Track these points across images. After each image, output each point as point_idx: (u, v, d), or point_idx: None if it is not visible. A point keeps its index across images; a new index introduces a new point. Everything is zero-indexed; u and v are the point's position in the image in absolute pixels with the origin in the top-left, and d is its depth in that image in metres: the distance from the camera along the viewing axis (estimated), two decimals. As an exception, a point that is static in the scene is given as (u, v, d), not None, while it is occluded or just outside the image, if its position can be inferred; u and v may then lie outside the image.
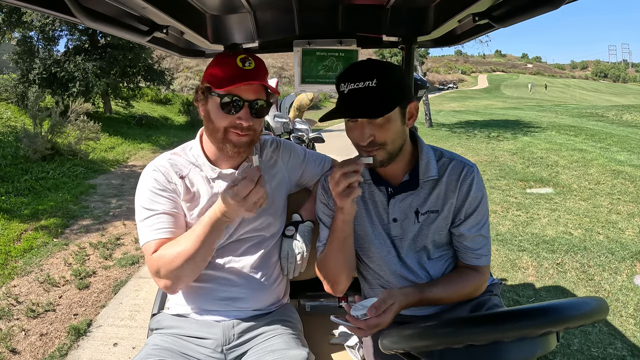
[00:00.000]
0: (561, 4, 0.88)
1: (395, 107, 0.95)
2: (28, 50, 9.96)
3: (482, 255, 1.10)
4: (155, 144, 9.63)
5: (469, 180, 1.08)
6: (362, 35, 1.60)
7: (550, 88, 53.96)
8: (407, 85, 1.02)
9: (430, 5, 1.42)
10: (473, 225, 1.09)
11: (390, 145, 1.01)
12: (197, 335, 1.16)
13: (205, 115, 1.12)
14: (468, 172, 1.08)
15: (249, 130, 1.11)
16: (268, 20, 1.50)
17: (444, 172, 1.09)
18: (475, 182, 1.08)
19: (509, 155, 7.43)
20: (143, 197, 1.13)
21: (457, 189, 1.08)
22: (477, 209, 1.08)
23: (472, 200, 1.08)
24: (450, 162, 1.10)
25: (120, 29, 1.00)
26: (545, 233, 3.81)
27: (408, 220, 1.10)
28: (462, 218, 1.09)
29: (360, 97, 0.96)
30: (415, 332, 0.72)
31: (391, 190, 1.11)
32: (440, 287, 1.09)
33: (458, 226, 1.10)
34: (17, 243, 3.77)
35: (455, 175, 1.09)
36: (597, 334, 2.30)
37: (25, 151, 6.30)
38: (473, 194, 1.08)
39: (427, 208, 1.09)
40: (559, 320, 0.65)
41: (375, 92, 0.95)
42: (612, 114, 13.07)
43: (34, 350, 2.34)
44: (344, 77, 0.99)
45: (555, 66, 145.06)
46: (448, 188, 1.09)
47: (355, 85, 0.96)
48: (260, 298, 1.22)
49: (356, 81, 0.96)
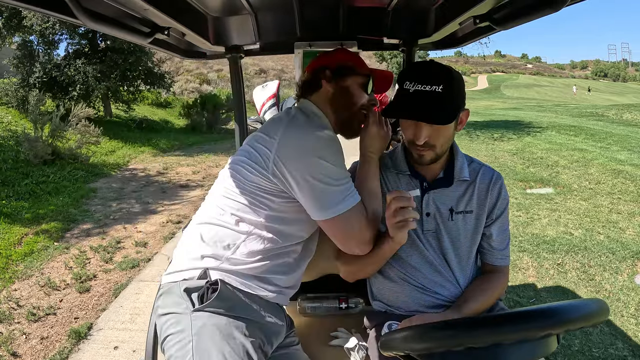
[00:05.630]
0: (562, 6, 0.88)
1: (457, 116, 1.03)
2: (28, 55, 9.96)
3: (506, 256, 1.19)
4: (156, 147, 9.63)
5: (499, 185, 1.17)
6: (363, 37, 1.60)
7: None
8: (464, 93, 1.08)
9: (431, 7, 1.42)
10: (500, 226, 1.17)
11: (439, 148, 1.07)
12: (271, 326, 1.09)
13: (340, 92, 1.18)
14: (497, 178, 1.18)
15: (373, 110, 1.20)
16: (269, 22, 1.50)
17: (476, 176, 1.17)
18: (504, 187, 1.18)
19: (509, 155, 7.42)
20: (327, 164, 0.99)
21: (489, 193, 1.15)
22: (504, 212, 1.17)
23: (501, 203, 1.16)
24: (480, 168, 1.19)
25: (121, 30, 1.01)
26: (545, 233, 3.81)
27: (442, 216, 1.14)
28: (492, 219, 1.16)
29: (426, 100, 0.98)
30: (416, 335, 0.72)
31: (426, 185, 1.15)
32: (475, 300, 1.11)
33: (489, 226, 1.16)
34: (18, 247, 3.77)
35: (486, 180, 1.17)
36: (598, 334, 2.29)
37: (25, 155, 6.30)
38: (502, 198, 1.16)
39: (462, 208, 1.14)
40: (559, 322, 0.64)
41: (441, 98, 0.98)
42: (612, 113, 13.06)
43: (35, 353, 2.34)
44: (411, 75, 1.01)
45: (555, 66, 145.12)
46: (480, 191, 1.16)
47: (422, 87, 0.99)
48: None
49: (423, 83, 0.99)
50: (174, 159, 8.46)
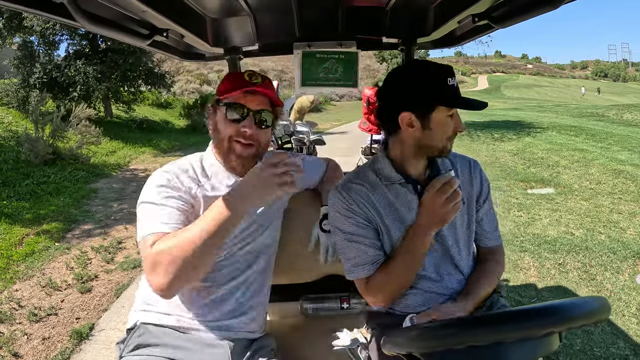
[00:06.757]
0: (560, 4, 0.88)
1: None
2: (29, 55, 9.99)
3: (498, 236, 1.23)
4: (156, 148, 9.64)
5: (478, 169, 1.20)
6: (362, 37, 1.60)
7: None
8: None
9: (430, 6, 1.42)
10: (489, 208, 1.20)
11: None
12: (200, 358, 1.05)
13: (213, 127, 1.14)
14: (475, 163, 1.21)
15: (253, 140, 1.10)
16: (268, 23, 1.51)
17: (456, 168, 1.17)
18: (482, 173, 1.21)
19: (510, 156, 7.41)
20: (151, 193, 1.05)
21: (472, 179, 1.18)
22: (489, 194, 1.21)
23: (485, 187, 1.19)
24: (454, 157, 1.19)
25: (120, 32, 1.01)
26: (546, 233, 3.81)
27: None
28: (480, 204, 1.19)
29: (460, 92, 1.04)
30: (418, 334, 0.72)
31: (420, 187, 1.11)
32: (482, 283, 1.13)
33: (478, 211, 1.18)
34: (19, 247, 3.78)
35: (466, 167, 1.19)
36: (600, 333, 2.29)
37: (26, 155, 6.31)
38: (484, 180, 1.20)
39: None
40: (561, 320, 0.64)
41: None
42: (613, 113, 13.04)
43: (36, 354, 2.34)
44: (449, 72, 1.02)
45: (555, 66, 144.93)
46: (464, 179, 1.17)
47: (455, 81, 1.02)
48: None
49: (454, 77, 1.02)
50: (175, 160, 8.45)
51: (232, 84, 1.10)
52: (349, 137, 11.49)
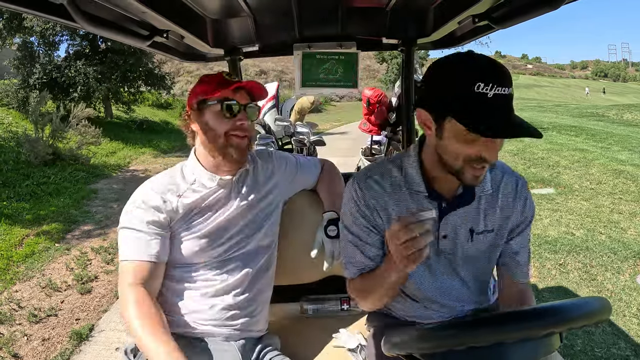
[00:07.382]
0: (560, 4, 0.88)
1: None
2: (29, 56, 9.97)
3: (528, 271, 1.06)
4: (157, 149, 9.65)
5: (524, 195, 1.00)
6: (362, 38, 1.60)
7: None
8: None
9: (430, 7, 1.42)
10: (524, 240, 1.03)
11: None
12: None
13: (202, 128, 1.14)
14: (522, 186, 1.00)
15: (247, 132, 1.15)
16: (268, 23, 1.51)
17: (498, 187, 0.99)
18: (529, 196, 1.01)
19: (510, 156, 7.41)
20: (129, 216, 1.13)
21: (514, 206, 0.99)
22: (529, 225, 1.03)
23: (527, 216, 1.01)
24: (502, 176, 1.00)
25: (120, 33, 1.01)
26: (547, 234, 3.81)
27: (460, 237, 0.99)
28: (516, 234, 1.02)
29: (509, 107, 0.78)
30: (418, 335, 0.72)
31: (445, 206, 0.96)
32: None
33: (510, 242, 1.02)
34: (19, 248, 3.78)
35: (510, 190, 0.99)
36: (601, 334, 2.29)
37: (26, 156, 6.31)
38: (528, 210, 1.01)
39: (482, 227, 0.98)
40: (562, 320, 0.64)
41: (511, 101, 0.78)
42: (613, 113, 13.05)
43: (36, 355, 2.34)
44: (488, 74, 0.75)
45: (555, 66, 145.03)
46: (504, 205, 0.99)
47: (501, 90, 0.75)
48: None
49: (502, 85, 0.75)
50: (175, 160, 8.46)
51: (217, 84, 1.13)
52: (349, 138, 11.49)
